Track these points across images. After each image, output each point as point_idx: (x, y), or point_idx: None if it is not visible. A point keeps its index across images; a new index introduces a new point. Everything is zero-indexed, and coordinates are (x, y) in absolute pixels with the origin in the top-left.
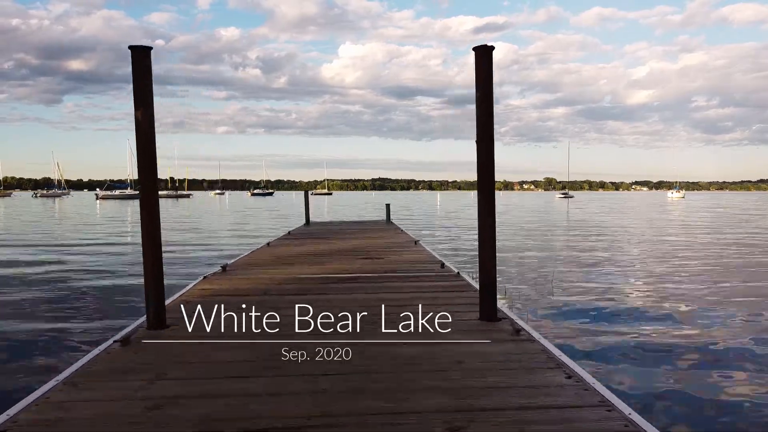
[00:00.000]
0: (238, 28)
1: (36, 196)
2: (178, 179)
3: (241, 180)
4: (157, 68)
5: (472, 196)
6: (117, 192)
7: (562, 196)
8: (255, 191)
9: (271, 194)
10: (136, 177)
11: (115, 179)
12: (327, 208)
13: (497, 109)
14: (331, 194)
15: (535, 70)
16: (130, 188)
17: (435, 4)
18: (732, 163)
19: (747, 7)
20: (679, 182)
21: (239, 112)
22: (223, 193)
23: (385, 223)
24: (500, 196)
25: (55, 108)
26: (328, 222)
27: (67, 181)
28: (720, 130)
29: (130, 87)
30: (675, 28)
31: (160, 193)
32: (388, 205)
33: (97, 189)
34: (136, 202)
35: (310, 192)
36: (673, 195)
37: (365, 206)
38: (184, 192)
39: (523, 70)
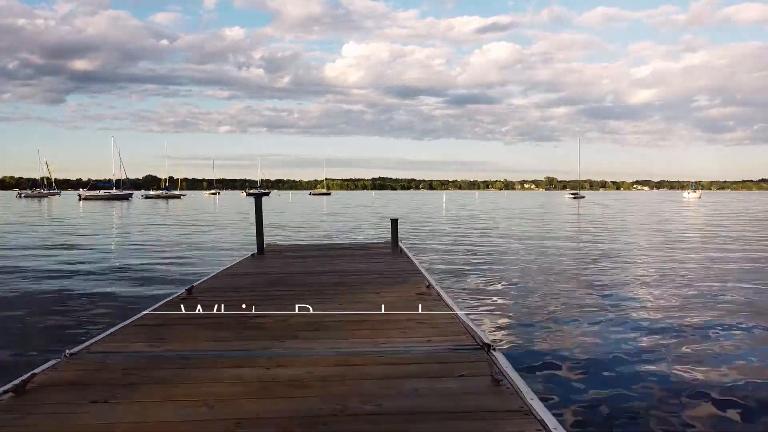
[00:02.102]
0: (243, 27)
1: (20, 197)
2: (168, 178)
3: (240, 180)
4: (160, 68)
5: (477, 195)
6: (101, 192)
7: (572, 196)
8: (250, 191)
9: (266, 194)
10: (122, 176)
11: (116, 179)
12: (320, 215)
13: (500, 108)
14: (329, 194)
15: (538, 69)
16: (116, 188)
17: (440, 3)
18: (733, 162)
19: (751, 7)
20: (694, 182)
21: (242, 111)
22: (218, 193)
23: (391, 253)
24: (504, 196)
25: (58, 107)
26: (296, 247)
27: (67, 181)
28: (721, 130)
29: (134, 86)
30: (679, 28)
31: (149, 193)
32: (394, 222)
33: (81, 189)
34: (123, 204)
35: (309, 192)
36: (689, 195)
37: (364, 212)
38: (176, 192)
39: (526, 69)
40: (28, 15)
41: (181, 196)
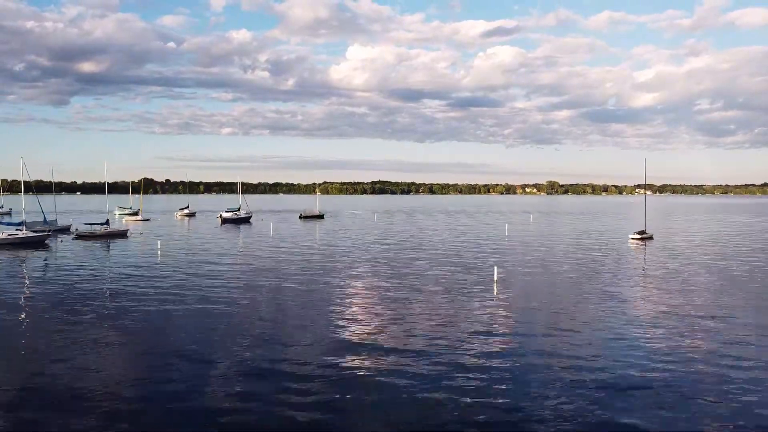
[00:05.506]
0: (250, 30)
1: None
2: (165, 181)
3: (239, 182)
4: (166, 70)
5: (507, 230)
6: (5, 234)
7: (638, 237)
8: (226, 215)
9: (247, 220)
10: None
11: (111, 181)
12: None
13: (502, 111)
14: (322, 217)
15: (542, 72)
16: (24, 227)
17: (446, 7)
18: (734, 166)
19: (755, 11)
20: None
21: (245, 113)
22: (193, 215)
23: None
24: (530, 221)
25: (62, 109)
26: None
27: (60, 184)
28: (722, 133)
29: (139, 88)
30: (683, 32)
31: (81, 231)
32: None
33: None
34: (27, 259)
35: (299, 215)
36: None
37: (379, 245)
38: (120, 230)
39: (530, 72)
40: (36, 18)
41: (128, 233)
